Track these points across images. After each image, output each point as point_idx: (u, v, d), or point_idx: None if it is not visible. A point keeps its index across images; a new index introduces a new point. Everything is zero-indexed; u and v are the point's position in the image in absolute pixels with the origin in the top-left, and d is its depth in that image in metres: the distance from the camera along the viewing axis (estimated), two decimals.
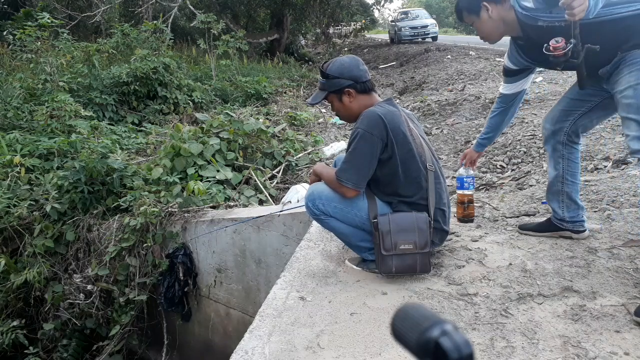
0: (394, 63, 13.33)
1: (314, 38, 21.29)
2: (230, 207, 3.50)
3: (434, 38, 18.62)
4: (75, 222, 3.61)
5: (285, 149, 4.67)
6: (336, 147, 4.84)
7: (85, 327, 3.55)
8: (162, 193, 3.50)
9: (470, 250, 2.18)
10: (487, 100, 5.72)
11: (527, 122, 4.34)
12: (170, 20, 10.17)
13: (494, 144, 3.79)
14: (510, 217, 2.55)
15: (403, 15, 20.50)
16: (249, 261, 3.12)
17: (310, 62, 16.02)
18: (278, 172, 4.34)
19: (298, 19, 17.11)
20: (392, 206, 1.98)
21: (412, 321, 0.45)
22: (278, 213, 2.90)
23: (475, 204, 2.46)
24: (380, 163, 1.91)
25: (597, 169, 3.10)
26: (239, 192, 3.83)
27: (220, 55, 9.10)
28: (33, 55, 6.12)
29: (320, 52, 19.26)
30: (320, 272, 2.15)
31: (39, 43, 6.20)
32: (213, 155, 4.07)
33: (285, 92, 8.78)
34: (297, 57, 16.74)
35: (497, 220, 2.53)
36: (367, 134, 1.86)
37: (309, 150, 4.85)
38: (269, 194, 3.82)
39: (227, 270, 3.26)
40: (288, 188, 3.81)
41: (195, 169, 3.85)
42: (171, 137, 4.25)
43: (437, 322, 0.44)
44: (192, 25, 10.80)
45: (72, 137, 4.21)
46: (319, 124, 6.43)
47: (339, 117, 2.11)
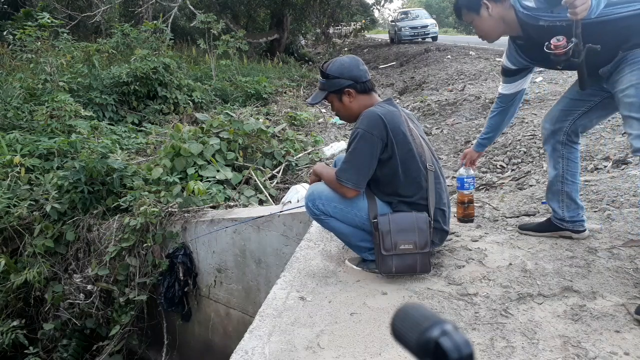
0: (394, 63, 13.33)
1: (314, 38, 21.28)
2: (230, 207, 3.50)
3: (434, 38, 18.64)
4: (75, 222, 3.61)
5: (285, 149, 4.67)
6: (336, 147, 4.84)
7: (85, 327, 3.55)
8: (162, 193, 3.50)
9: (470, 250, 2.18)
10: (487, 100, 5.72)
11: (527, 122, 4.34)
12: (170, 20, 10.17)
13: (494, 144, 3.79)
14: (510, 217, 2.55)
15: (403, 15, 20.52)
16: (249, 261, 3.12)
17: (310, 62, 16.01)
18: (278, 172, 4.34)
19: (298, 19, 17.10)
20: (392, 206, 1.98)
21: (412, 321, 0.45)
22: (278, 213, 2.90)
23: (475, 204, 2.46)
24: (380, 163, 1.91)
25: (597, 169, 3.10)
26: (239, 192, 3.83)
27: (220, 55, 9.10)
28: (33, 55, 6.12)
29: (320, 52, 19.26)
30: (320, 272, 2.15)
31: (39, 43, 6.20)
32: (213, 155, 4.07)
33: (285, 92, 8.78)
34: (297, 57, 16.73)
35: (497, 220, 2.53)
36: (367, 134, 1.86)
37: (309, 150, 4.85)
38: (269, 194, 3.82)
39: (227, 270, 3.26)
40: (288, 188, 3.81)
41: (195, 169, 3.85)
42: (171, 137, 4.26)
43: (437, 322, 0.44)
44: (192, 25, 10.80)
45: (72, 137, 4.21)
46: (319, 124, 6.43)
47: (339, 117, 2.11)
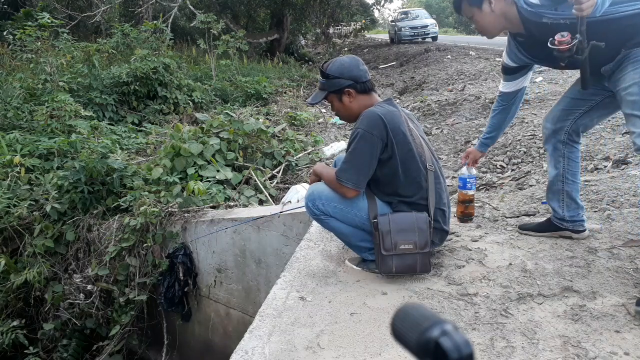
0: (394, 63, 13.33)
1: (314, 38, 21.29)
2: (230, 207, 3.50)
3: (434, 38, 18.65)
4: (75, 222, 3.61)
5: (285, 149, 4.67)
6: (336, 147, 4.84)
7: (85, 327, 3.55)
8: (162, 193, 3.50)
9: (470, 250, 2.18)
10: (487, 100, 5.72)
11: (527, 122, 4.34)
12: (170, 20, 10.17)
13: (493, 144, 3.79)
14: (510, 217, 2.55)
15: (403, 15, 20.52)
16: (249, 261, 3.12)
17: (310, 62, 16.02)
18: (278, 172, 4.34)
19: (298, 19, 17.11)
20: (392, 206, 1.98)
21: (412, 321, 0.45)
22: (278, 213, 2.90)
23: (475, 204, 2.46)
24: (380, 163, 1.91)
25: (597, 169, 3.10)
26: (239, 192, 3.83)
27: (220, 55, 9.10)
28: (33, 55, 6.12)
29: (320, 52, 19.27)
30: (320, 272, 2.15)
31: (39, 43, 6.20)
32: (213, 155, 4.07)
33: (285, 92, 8.78)
34: (297, 57, 16.74)
35: (497, 220, 2.53)
36: (367, 134, 1.86)
37: (309, 150, 4.85)
38: (269, 194, 3.82)
39: (227, 270, 3.27)
40: (288, 188, 3.81)
41: (195, 169, 3.85)
42: (171, 137, 4.26)
43: (437, 322, 0.44)
44: (192, 25, 10.79)
45: (72, 137, 4.21)
46: (319, 124, 6.43)
47: (339, 117, 2.11)
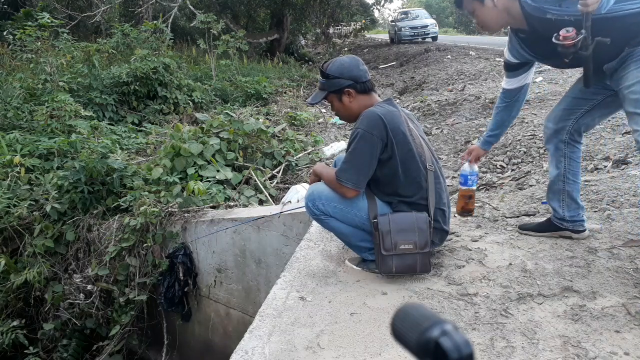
0: (394, 63, 13.33)
1: (314, 38, 21.29)
2: (230, 207, 3.50)
3: (434, 38, 18.65)
4: (75, 222, 3.61)
5: (285, 149, 4.67)
6: (336, 147, 4.84)
7: (85, 327, 3.55)
8: (162, 193, 3.50)
9: (470, 250, 2.18)
10: (487, 100, 5.72)
11: (527, 122, 4.34)
12: (170, 20, 10.17)
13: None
14: (510, 217, 2.54)
15: (403, 15, 20.52)
16: (249, 261, 3.12)
17: (310, 62, 16.02)
18: (278, 172, 4.34)
19: (298, 19, 17.11)
20: (392, 206, 1.98)
21: (412, 321, 0.45)
22: (278, 213, 2.90)
23: (475, 203, 2.45)
24: (380, 163, 1.91)
25: (597, 169, 3.10)
26: (239, 192, 3.83)
27: (220, 55, 9.10)
28: (33, 55, 6.12)
29: (320, 52, 19.28)
30: (320, 272, 2.15)
31: (39, 43, 6.20)
32: (213, 155, 4.07)
33: (285, 92, 8.78)
34: (297, 57, 16.74)
35: (497, 220, 2.53)
36: (367, 134, 1.86)
37: (309, 150, 4.85)
38: (269, 194, 3.82)
39: (227, 270, 3.27)
40: (288, 188, 3.81)
41: (195, 169, 3.85)
42: (171, 137, 4.26)
43: (437, 322, 0.44)
44: (192, 25, 10.79)
45: (72, 137, 4.21)
46: (319, 124, 6.43)
47: (339, 117, 2.11)
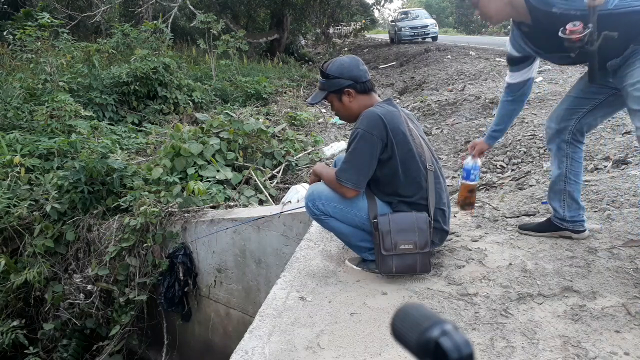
0: (394, 63, 13.33)
1: (314, 38, 21.29)
2: (230, 207, 3.50)
3: (434, 38, 18.65)
4: (75, 222, 3.61)
5: (285, 149, 4.67)
6: (336, 147, 4.84)
7: (85, 327, 3.55)
8: (162, 193, 3.50)
9: (470, 250, 2.18)
10: (487, 100, 5.72)
11: (527, 122, 4.34)
12: (170, 20, 10.17)
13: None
14: (510, 217, 2.54)
15: (403, 15, 20.52)
16: (249, 261, 3.12)
17: (310, 62, 16.02)
18: (278, 172, 4.34)
19: (298, 19, 17.11)
20: (392, 206, 1.98)
21: (412, 321, 0.45)
22: (278, 213, 2.90)
23: (476, 201, 2.45)
24: (380, 163, 1.91)
25: (597, 169, 3.10)
26: (239, 192, 3.83)
27: (220, 55, 9.10)
28: (33, 55, 6.12)
29: (320, 52, 19.28)
30: (320, 272, 2.15)
31: (39, 43, 6.20)
32: (213, 155, 4.07)
33: (285, 92, 8.78)
34: (297, 57, 16.74)
35: (497, 220, 2.53)
36: (367, 134, 1.86)
37: (309, 150, 4.85)
38: (269, 194, 3.82)
39: (227, 270, 3.27)
40: (288, 188, 3.81)
41: (195, 169, 3.85)
42: (171, 137, 4.26)
43: (437, 322, 0.44)
44: (192, 25, 10.79)
45: (72, 137, 4.22)
46: (319, 124, 6.43)
47: (339, 117, 2.11)
